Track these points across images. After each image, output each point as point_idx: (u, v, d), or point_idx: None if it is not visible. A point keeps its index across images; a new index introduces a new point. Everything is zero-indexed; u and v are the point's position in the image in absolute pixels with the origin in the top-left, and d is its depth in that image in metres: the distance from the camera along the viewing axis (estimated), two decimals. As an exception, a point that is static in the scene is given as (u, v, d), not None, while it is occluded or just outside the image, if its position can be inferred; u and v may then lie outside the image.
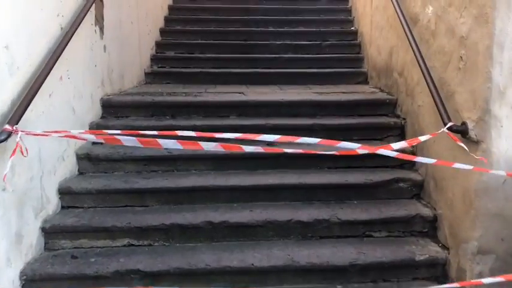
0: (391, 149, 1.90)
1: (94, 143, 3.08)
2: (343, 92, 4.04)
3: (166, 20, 5.42)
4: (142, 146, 1.73)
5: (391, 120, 3.41)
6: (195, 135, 1.85)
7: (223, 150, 1.84)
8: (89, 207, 2.64)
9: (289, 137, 1.81)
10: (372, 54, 4.48)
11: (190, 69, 4.68)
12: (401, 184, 2.80)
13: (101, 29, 3.38)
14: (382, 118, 3.47)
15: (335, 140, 1.79)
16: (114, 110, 3.41)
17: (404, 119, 3.38)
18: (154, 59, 4.81)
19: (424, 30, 2.95)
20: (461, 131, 2.24)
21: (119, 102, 3.44)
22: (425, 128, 2.91)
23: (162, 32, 5.22)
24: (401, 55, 3.49)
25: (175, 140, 1.73)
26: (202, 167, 2.99)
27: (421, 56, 2.79)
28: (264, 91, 4.07)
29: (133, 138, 1.73)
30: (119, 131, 1.87)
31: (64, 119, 2.68)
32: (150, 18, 4.72)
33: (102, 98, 3.39)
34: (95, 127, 3.16)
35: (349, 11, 5.60)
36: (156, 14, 5.01)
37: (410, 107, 3.25)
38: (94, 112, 3.27)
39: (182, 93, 3.91)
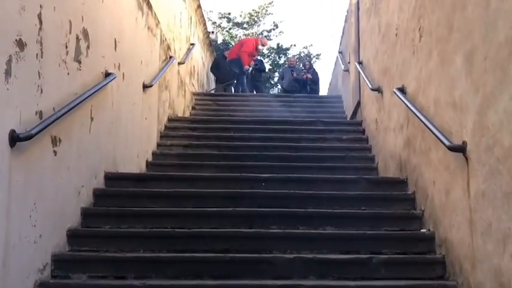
0: None
1: None
2: None
3: (87, 214, 4.10)
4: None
5: None
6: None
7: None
8: None
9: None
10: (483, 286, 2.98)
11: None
12: None
13: None
14: None
15: None
16: None
17: None
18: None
19: None
20: None
21: None
22: None
23: (74, 236, 3.83)
24: None
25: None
26: None
27: None
28: None
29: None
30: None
31: None
32: (40, 215, 3.35)
33: None
34: None
35: (411, 200, 4.56)
36: (58, 208, 3.68)
37: None
38: None
39: None
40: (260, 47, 12.27)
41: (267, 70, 16.75)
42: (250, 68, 11.72)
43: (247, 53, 11.63)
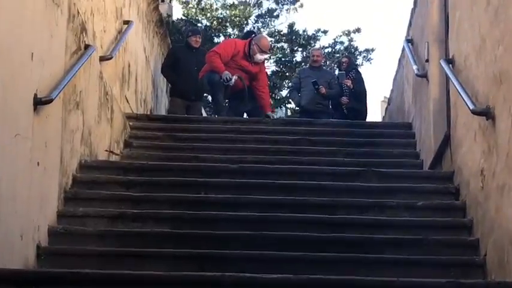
0: None
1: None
2: None
3: None
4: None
5: None
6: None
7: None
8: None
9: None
10: None
11: None
12: None
13: None
14: None
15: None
16: None
17: None
18: None
19: None
20: None
21: None
22: None
23: None
24: None
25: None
26: None
27: None
28: None
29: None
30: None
31: None
32: None
33: None
34: None
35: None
36: None
37: None
38: None
39: None
40: (259, 56, 11.90)
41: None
42: (234, 78, 11.70)
43: (219, 56, 11.63)
